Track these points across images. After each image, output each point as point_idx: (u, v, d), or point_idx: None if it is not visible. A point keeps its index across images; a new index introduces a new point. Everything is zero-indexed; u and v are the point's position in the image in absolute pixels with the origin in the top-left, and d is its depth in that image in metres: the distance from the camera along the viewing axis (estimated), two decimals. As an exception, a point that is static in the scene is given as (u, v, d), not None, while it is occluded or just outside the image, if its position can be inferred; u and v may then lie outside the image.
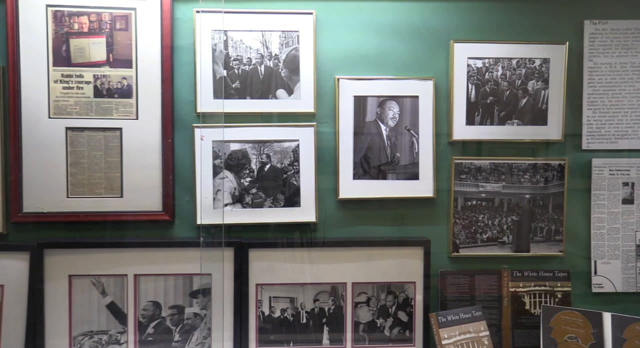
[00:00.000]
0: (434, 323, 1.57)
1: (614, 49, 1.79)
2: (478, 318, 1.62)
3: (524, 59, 1.76)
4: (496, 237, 1.77)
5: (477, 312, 1.62)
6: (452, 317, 1.58)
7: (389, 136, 1.74)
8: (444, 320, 1.56)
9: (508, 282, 1.78)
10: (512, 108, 1.77)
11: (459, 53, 1.74)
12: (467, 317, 1.60)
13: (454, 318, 1.58)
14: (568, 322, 1.66)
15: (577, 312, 1.66)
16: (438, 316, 1.57)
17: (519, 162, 1.76)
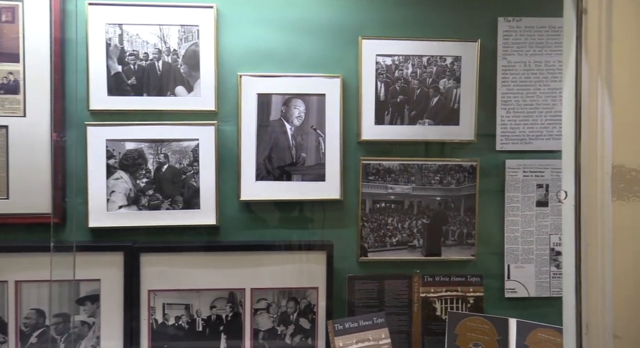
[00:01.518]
0: (330, 331, 1.51)
1: (528, 47, 1.74)
2: (380, 326, 1.56)
3: (435, 57, 1.70)
4: (406, 241, 1.71)
5: (379, 319, 1.56)
6: (351, 325, 1.52)
7: (294, 136, 1.67)
8: (340, 328, 1.50)
9: (419, 287, 1.72)
10: (423, 107, 1.71)
11: (367, 50, 1.68)
12: (368, 324, 1.54)
13: (353, 326, 1.52)
14: (473, 329, 1.60)
15: (483, 318, 1.61)
16: (335, 323, 1.51)
17: (429, 163, 1.71)
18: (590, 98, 1.19)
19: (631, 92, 1.14)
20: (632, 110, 1.14)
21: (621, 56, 1.16)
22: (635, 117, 1.14)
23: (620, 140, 1.14)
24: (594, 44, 1.19)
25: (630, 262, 1.13)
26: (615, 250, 1.14)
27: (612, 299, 1.14)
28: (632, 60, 1.14)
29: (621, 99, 1.15)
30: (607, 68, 1.16)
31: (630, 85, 1.14)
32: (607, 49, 1.16)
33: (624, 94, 1.15)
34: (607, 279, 1.15)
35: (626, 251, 1.13)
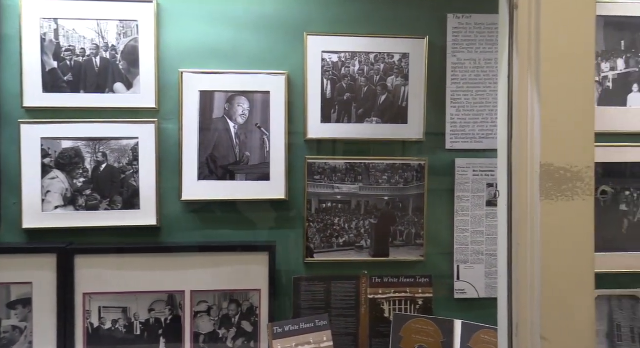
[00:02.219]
0: (269, 334, 1.47)
1: (478, 45, 1.71)
2: (322, 328, 1.53)
3: (382, 54, 1.67)
4: (353, 241, 1.68)
5: (321, 321, 1.53)
6: (291, 328, 1.48)
7: (238, 134, 1.63)
8: (280, 331, 1.47)
9: (366, 288, 1.69)
10: (370, 105, 1.68)
11: (313, 46, 1.64)
12: (309, 326, 1.51)
13: (293, 329, 1.48)
14: (418, 331, 1.58)
15: (428, 320, 1.58)
16: (274, 326, 1.48)
17: (377, 162, 1.68)
18: (520, 95, 1.17)
19: (559, 90, 1.12)
20: (561, 108, 1.12)
21: (549, 53, 1.14)
22: (563, 115, 1.12)
23: (549, 138, 1.12)
24: (524, 40, 1.16)
25: (558, 262, 1.11)
26: (543, 250, 1.11)
27: (540, 300, 1.12)
28: (560, 57, 1.12)
29: (550, 97, 1.12)
30: (537, 65, 1.14)
31: (558, 83, 1.12)
32: (536, 45, 1.14)
33: (552, 92, 1.12)
34: (536, 280, 1.13)
35: (554, 251, 1.11)
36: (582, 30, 1.14)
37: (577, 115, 1.14)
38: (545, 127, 1.15)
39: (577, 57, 1.14)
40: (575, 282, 1.13)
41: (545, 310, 1.13)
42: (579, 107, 1.14)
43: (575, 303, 1.13)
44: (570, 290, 1.14)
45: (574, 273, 1.13)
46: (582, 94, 1.14)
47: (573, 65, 1.14)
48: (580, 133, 1.14)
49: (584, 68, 1.14)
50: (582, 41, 1.14)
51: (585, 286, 1.13)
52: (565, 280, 1.13)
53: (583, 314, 1.12)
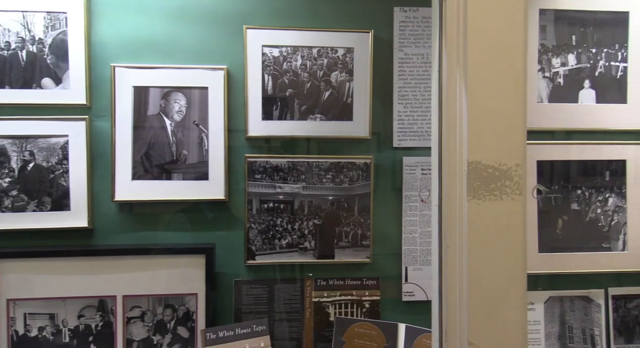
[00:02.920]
0: (201, 340, 1.41)
1: (425, 39, 1.66)
2: (260, 333, 1.47)
3: (325, 48, 1.61)
4: (297, 243, 1.62)
5: (259, 326, 1.47)
6: (226, 333, 1.42)
7: (174, 132, 1.57)
8: (213, 337, 1.40)
9: (311, 291, 1.63)
10: (314, 101, 1.62)
11: (253, 40, 1.58)
12: (246, 332, 1.45)
13: (228, 335, 1.42)
14: (361, 335, 1.52)
15: (371, 324, 1.53)
16: (207, 333, 1.41)
17: (321, 160, 1.62)
18: (449, 90, 1.11)
19: (487, 84, 1.07)
20: (489, 104, 1.07)
21: (476, 46, 1.08)
22: (492, 110, 1.07)
23: (476, 135, 1.07)
24: (453, 32, 1.11)
25: (485, 266, 1.06)
26: (471, 252, 1.07)
27: (468, 304, 1.07)
28: (488, 51, 1.07)
29: (477, 91, 1.07)
30: (465, 58, 1.09)
31: (485, 77, 1.07)
32: (464, 38, 1.09)
33: (479, 86, 1.07)
34: (464, 283, 1.08)
35: (482, 253, 1.06)
36: (511, 22, 1.09)
37: (506, 110, 1.10)
38: (472, 123, 1.10)
39: (506, 51, 1.09)
40: (505, 285, 1.09)
41: (472, 315, 1.08)
42: (508, 102, 1.10)
43: (505, 307, 1.08)
44: (500, 294, 1.09)
45: (503, 276, 1.09)
46: (512, 89, 1.09)
47: (502, 59, 1.09)
48: (510, 129, 1.10)
49: (514, 62, 1.09)
50: (511, 34, 1.09)
51: (515, 289, 1.09)
52: (494, 283, 1.09)
53: (513, 318, 1.08)
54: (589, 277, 1.70)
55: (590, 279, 1.70)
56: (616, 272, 1.69)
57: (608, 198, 1.69)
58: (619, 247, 1.69)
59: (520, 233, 1.06)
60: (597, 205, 1.69)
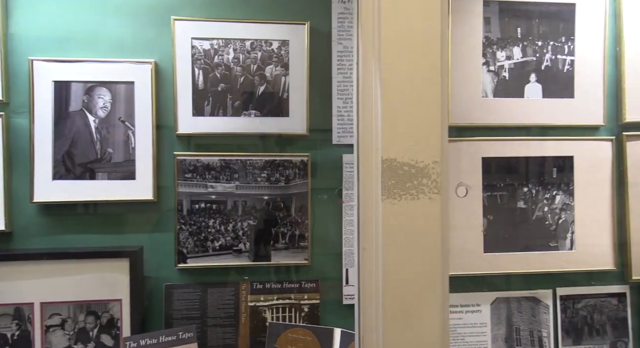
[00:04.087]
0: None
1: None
2: (187, 341, 1.39)
3: (259, 41, 1.54)
4: (230, 245, 1.55)
5: (186, 333, 1.40)
6: (148, 341, 1.35)
7: (98, 129, 1.49)
8: (134, 345, 1.33)
9: (246, 295, 1.56)
10: (248, 97, 1.55)
11: (181, 33, 1.50)
12: (171, 339, 1.38)
13: (151, 343, 1.35)
14: (296, 341, 1.46)
15: (305, 329, 1.47)
16: (127, 341, 1.33)
17: (255, 158, 1.55)
18: (365, 84, 1.05)
19: (401, 78, 1.00)
20: (404, 98, 1.00)
21: (391, 38, 1.02)
22: (407, 105, 1.00)
23: (391, 130, 1.00)
24: (368, 23, 1.04)
25: (401, 269, 1.00)
26: (385, 255, 1.00)
27: (382, 309, 1.01)
28: (402, 44, 1.01)
29: (391, 85, 1.01)
30: (379, 52, 1.02)
31: (400, 71, 1.01)
32: (379, 31, 1.03)
33: (394, 80, 1.01)
34: (379, 288, 1.02)
35: (397, 257, 1.00)
36: (427, 15, 1.02)
37: (422, 105, 1.03)
38: (387, 119, 1.03)
39: (423, 44, 1.02)
40: (422, 290, 1.03)
41: (387, 321, 1.02)
42: (424, 96, 1.03)
43: (422, 313, 1.02)
44: (416, 298, 1.03)
45: (420, 280, 1.03)
46: (428, 83, 1.03)
47: (418, 52, 1.02)
48: (427, 125, 1.03)
49: (430, 55, 1.02)
50: (428, 27, 1.02)
51: (433, 293, 1.03)
52: (410, 287, 1.03)
53: (431, 324, 1.02)
54: (536, 277, 1.65)
55: (538, 279, 1.65)
56: (564, 272, 1.65)
57: (555, 195, 1.64)
58: (566, 246, 1.64)
59: (438, 235, 1.00)
60: (544, 203, 1.64)
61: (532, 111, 1.63)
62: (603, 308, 1.67)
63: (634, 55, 1.64)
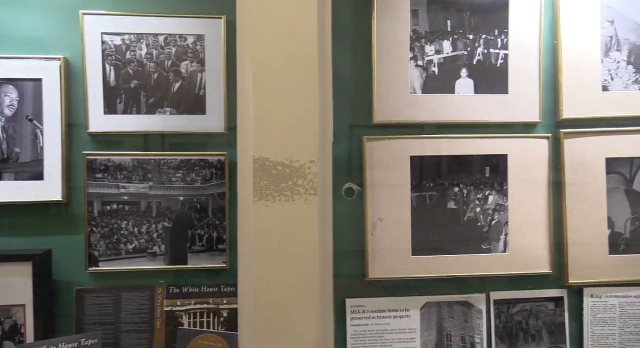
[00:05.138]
0: (15, 357, 1.29)
1: (287, 26, 1.54)
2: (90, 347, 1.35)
3: (173, 36, 1.48)
4: (145, 248, 1.49)
5: (90, 340, 1.35)
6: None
7: (5, 128, 1.43)
8: (29, 354, 1.29)
9: (162, 300, 1.51)
10: (162, 94, 1.49)
11: (91, 28, 1.44)
12: (72, 347, 1.33)
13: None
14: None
15: (216, 336, 1.41)
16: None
17: (169, 158, 1.49)
18: (241, 80, 0.99)
19: (276, 75, 0.94)
20: (278, 94, 0.94)
21: (264, 33, 0.96)
22: (281, 102, 0.94)
23: (264, 128, 0.94)
24: (244, 18, 0.98)
25: (273, 276, 0.94)
26: (257, 261, 0.94)
27: (254, 318, 0.95)
28: (274, 38, 0.95)
29: (264, 82, 0.94)
30: (252, 45, 0.96)
31: (273, 66, 0.94)
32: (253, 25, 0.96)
33: (267, 76, 0.95)
34: (251, 295, 0.96)
35: (269, 263, 0.94)
36: (303, 12, 0.96)
37: (297, 102, 0.97)
38: (259, 116, 0.97)
39: (297, 40, 0.95)
40: (298, 295, 0.96)
41: (259, 326, 0.95)
42: (301, 94, 0.96)
43: (298, 317, 0.96)
44: (291, 304, 0.96)
45: (295, 285, 0.96)
46: (303, 80, 0.96)
47: (292, 49, 0.96)
48: (303, 123, 0.97)
49: (306, 51, 0.96)
50: (303, 23, 0.96)
51: (310, 298, 0.96)
52: (285, 292, 0.96)
53: (307, 328, 0.95)
54: (469, 281, 1.58)
55: (471, 283, 1.59)
56: (497, 276, 1.58)
57: (488, 196, 1.58)
58: (499, 249, 1.57)
59: (315, 238, 0.94)
60: (477, 203, 1.57)
61: (463, 108, 1.56)
62: (539, 313, 1.60)
63: (571, 49, 1.57)
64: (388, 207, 1.54)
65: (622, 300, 1.59)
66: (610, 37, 1.58)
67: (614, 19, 1.58)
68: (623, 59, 1.58)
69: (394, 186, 1.54)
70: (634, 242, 1.59)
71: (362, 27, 1.53)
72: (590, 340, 1.59)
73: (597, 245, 1.58)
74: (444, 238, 1.56)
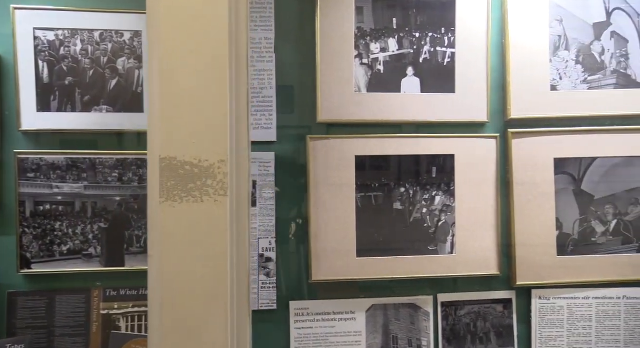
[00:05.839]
0: None
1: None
2: (15, 353, 1.31)
3: (109, 31, 1.44)
4: (80, 249, 1.45)
5: (16, 344, 1.31)
6: (-32, 354, 1.26)
7: None
8: (-51, 359, 1.25)
9: (99, 302, 1.47)
10: (98, 91, 1.45)
11: (23, 23, 1.40)
12: (-3, 352, 1.29)
13: (-30, 356, 1.26)
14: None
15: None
16: (-58, 354, 1.25)
17: (105, 157, 1.45)
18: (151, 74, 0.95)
19: (182, 67, 0.91)
20: (185, 90, 0.91)
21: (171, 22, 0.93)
22: (189, 98, 0.91)
23: (171, 125, 0.91)
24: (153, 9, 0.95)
25: (181, 280, 0.90)
26: (164, 264, 0.91)
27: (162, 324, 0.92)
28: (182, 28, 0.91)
29: (170, 75, 0.91)
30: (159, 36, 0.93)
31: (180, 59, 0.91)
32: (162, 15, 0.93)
33: (174, 68, 0.91)
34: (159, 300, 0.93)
35: (176, 267, 0.91)
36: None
37: (207, 98, 0.93)
38: (166, 113, 0.93)
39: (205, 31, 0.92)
40: (207, 300, 0.93)
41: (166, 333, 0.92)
42: (210, 90, 0.93)
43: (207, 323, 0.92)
44: (200, 310, 0.93)
45: (204, 290, 0.93)
46: (213, 74, 0.93)
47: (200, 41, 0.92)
48: (212, 121, 0.94)
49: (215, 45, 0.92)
50: (212, 12, 0.93)
51: (220, 303, 0.93)
52: (193, 298, 0.93)
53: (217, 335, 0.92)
54: (415, 283, 1.56)
55: (418, 285, 1.56)
56: (444, 277, 1.56)
57: (435, 196, 1.55)
58: (446, 250, 1.55)
59: (225, 241, 0.91)
60: (423, 204, 1.55)
61: (409, 107, 1.53)
62: (487, 315, 1.58)
63: (519, 48, 1.55)
64: (332, 207, 1.51)
65: (570, 302, 1.58)
66: (558, 36, 1.57)
67: (562, 18, 1.57)
68: (571, 58, 1.57)
69: (339, 186, 1.51)
70: (582, 243, 1.57)
71: (306, 24, 1.51)
72: (538, 342, 1.58)
73: (545, 246, 1.57)
74: (390, 239, 1.53)
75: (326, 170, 1.51)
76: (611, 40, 1.58)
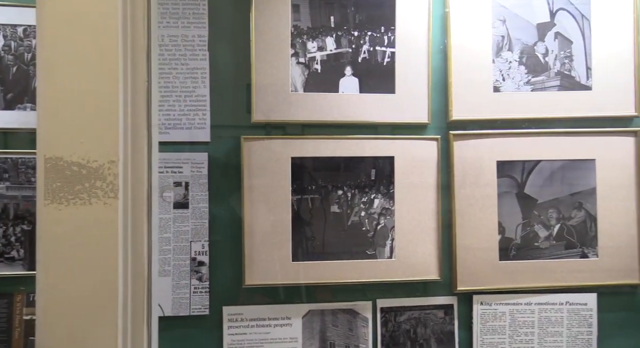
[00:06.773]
0: None
1: (160, 19, 1.45)
2: None
3: (33, 27, 1.40)
4: (2, 252, 1.40)
5: None
6: None
7: None
8: None
9: (22, 308, 1.42)
10: (22, 89, 1.40)
11: (-59, 16, 1.37)
12: None
13: None
14: (57, 360, 1.33)
15: (69, 347, 1.34)
16: None
17: (29, 156, 1.41)
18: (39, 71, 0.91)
19: (68, 62, 0.86)
20: (72, 85, 0.87)
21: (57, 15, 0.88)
22: (75, 94, 0.87)
23: (56, 123, 0.87)
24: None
25: (65, 288, 0.85)
26: (45, 270, 0.87)
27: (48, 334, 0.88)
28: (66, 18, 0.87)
29: (53, 70, 0.86)
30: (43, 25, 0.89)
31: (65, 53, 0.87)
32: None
33: (57, 63, 0.87)
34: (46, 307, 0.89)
35: (60, 273, 0.86)
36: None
37: (96, 96, 0.88)
38: (51, 111, 0.89)
39: (93, 26, 0.87)
40: (95, 309, 0.89)
41: (53, 342, 0.88)
42: (99, 87, 0.88)
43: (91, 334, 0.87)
44: (86, 320, 0.89)
45: (92, 298, 0.89)
46: (102, 70, 0.88)
47: (87, 38, 0.88)
48: (102, 119, 0.89)
49: (104, 37, 0.88)
50: (99, 3, 0.89)
51: (109, 312, 0.89)
52: (79, 307, 0.89)
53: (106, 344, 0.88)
54: (354, 288, 1.52)
55: (356, 290, 1.52)
56: (384, 282, 1.52)
57: (374, 199, 1.52)
58: (385, 254, 1.51)
59: (114, 245, 0.87)
60: (361, 207, 1.51)
61: (348, 107, 1.50)
62: (428, 321, 1.54)
63: (461, 48, 1.52)
64: (267, 210, 1.47)
65: (512, 308, 1.55)
66: (501, 36, 1.54)
67: (505, 18, 1.54)
68: (515, 59, 1.54)
69: (274, 188, 1.47)
70: (524, 247, 1.54)
71: (241, 21, 1.47)
72: (480, 348, 1.55)
73: (487, 251, 1.54)
74: (327, 243, 1.49)
75: (261, 171, 1.47)
76: (555, 41, 1.55)
